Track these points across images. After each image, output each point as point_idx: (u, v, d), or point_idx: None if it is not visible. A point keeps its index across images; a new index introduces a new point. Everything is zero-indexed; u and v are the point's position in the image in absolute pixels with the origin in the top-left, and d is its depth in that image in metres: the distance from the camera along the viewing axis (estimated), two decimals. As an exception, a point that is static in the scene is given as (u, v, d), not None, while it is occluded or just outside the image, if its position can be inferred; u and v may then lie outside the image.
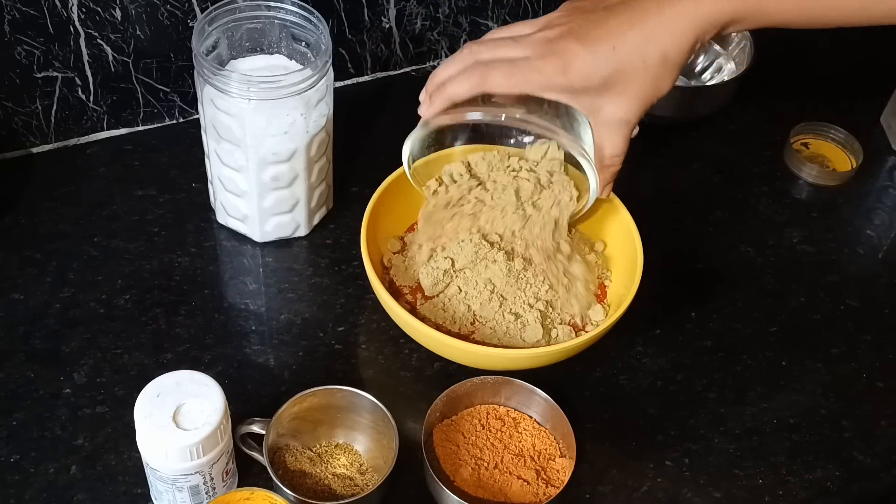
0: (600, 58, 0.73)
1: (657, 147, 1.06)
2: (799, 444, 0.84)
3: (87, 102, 0.97)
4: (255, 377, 0.84)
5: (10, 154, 0.97)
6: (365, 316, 0.89)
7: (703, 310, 0.92)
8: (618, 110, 0.75)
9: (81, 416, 0.80)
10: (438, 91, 0.76)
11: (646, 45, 0.73)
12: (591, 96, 0.75)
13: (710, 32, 0.73)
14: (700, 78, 1.13)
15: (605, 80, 0.74)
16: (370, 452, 0.78)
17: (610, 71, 0.73)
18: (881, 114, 1.11)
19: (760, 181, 1.04)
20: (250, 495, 0.68)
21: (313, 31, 0.85)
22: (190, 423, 0.68)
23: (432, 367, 0.85)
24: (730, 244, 0.98)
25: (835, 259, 0.98)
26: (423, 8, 1.05)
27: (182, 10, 0.94)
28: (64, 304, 0.87)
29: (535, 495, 0.76)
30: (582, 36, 0.73)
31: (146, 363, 0.84)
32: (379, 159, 0.94)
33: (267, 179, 0.87)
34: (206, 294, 0.89)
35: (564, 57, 0.73)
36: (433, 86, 0.77)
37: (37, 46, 0.91)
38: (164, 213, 0.95)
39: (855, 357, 0.90)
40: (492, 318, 0.81)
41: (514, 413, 0.81)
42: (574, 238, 0.87)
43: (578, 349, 0.80)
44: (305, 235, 0.94)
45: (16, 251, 0.90)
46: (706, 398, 0.86)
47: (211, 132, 0.86)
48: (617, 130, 0.76)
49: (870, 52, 1.19)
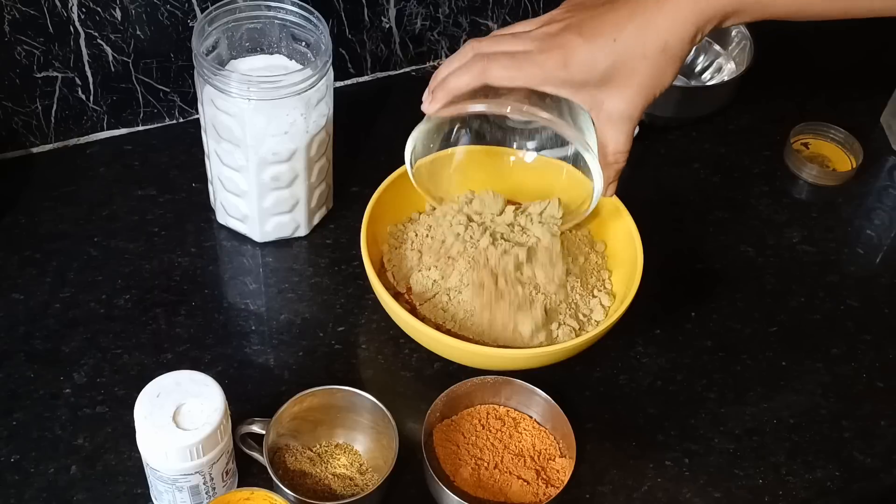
0: (600, 50, 0.73)
1: (657, 147, 1.06)
2: (799, 444, 0.84)
3: (87, 102, 0.97)
4: (255, 377, 0.84)
5: (10, 154, 0.97)
6: (365, 316, 0.89)
7: (703, 310, 0.92)
8: (619, 104, 0.75)
9: (81, 416, 0.80)
10: (440, 85, 0.76)
11: (645, 37, 0.72)
12: (592, 90, 0.74)
13: (711, 23, 0.72)
14: (700, 78, 1.13)
15: (605, 72, 0.73)
16: (370, 452, 0.78)
17: (610, 63, 0.73)
18: (881, 114, 1.11)
19: (760, 181, 1.04)
20: (250, 495, 0.68)
21: (313, 31, 0.85)
22: (190, 423, 0.68)
23: (432, 367, 0.85)
24: (730, 244, 0.98)
25: (835, 259, 0.98)
26: (423, 8, 1.05)
27: (182, 10, 0.94)
28: (64, 304, 0.87)
29: (535, 495, 0.76)
30: (582, 30, 0.73)
31: (146, 363, 0.84)
32: (379, 159, 0.95)
33: (267, 179, 0.87)
34: (206, 294, 0.89)
35: (565, 50, 0.73)
36: (435, 83, 0.77)
37: (37, 46, 0.91)
38: (164, 213, 0.95)
39: (855, 357, 0.90)
40: (492, 318, 0.81)
41: (514, 413, 0.81)
42: (574, 238, 0.87)
43: (578, 349, 0.80)
44: (305, 235, 0.94)
45: (16, 251, 0.90)
46: (706, 398, 0.86)
47: (211, 132, 0.86)
48: (619, 126, 0.76)
49: (870, 52, 1.19)
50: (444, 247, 0.84)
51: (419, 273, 0.84)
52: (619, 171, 0.79)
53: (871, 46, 1.20)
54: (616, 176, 0.80)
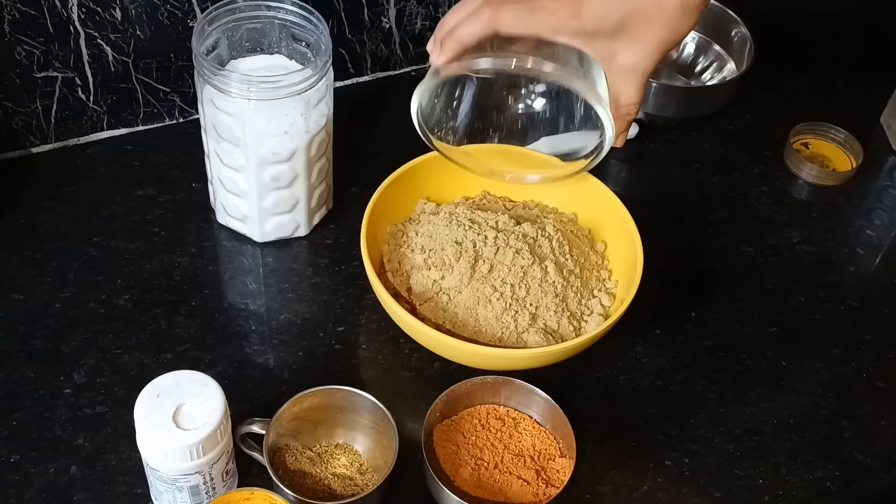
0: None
1: (657, 147, 1.06)
2: (799, 444, 0.84)
3: (87, 102, 0.97)
4: (255, 377, 0.84)
5: (10, 154, 0.97)
6: (365, 316, 0.89)
7: (703, 310, 0.92)
8: (632, 56, 0.72)
9: (81, 416, 0.80)
10: (449, 35, 0.73)
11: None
12: (605, 41, 0.72)
13: None
14: (700, 78, 1.13)
15: (618, 22, 0.71)
16: (370, 452, 0.78)
17: (624, 13, 0.70)
18: (881, 114, 1.11)
19: (760, 181, 1.04)
20: (250, 495, 0.68)
21: (313, 31, 0.85)
22: (190, 423, 0.68)
23: (432, 367, 0.85)
24: (730, 244, 0.98)
25: (835, 259, 0.98)
26: (423, 8, 1.05)
27: (182, 10, 0.94)
28: (64, 304, 0.87)
29: (535, 495, 0.76)
30: None
31: (146, 363, 0.84)
32: (379, 159, 0.95)
33: (267, 179, 0.87)
34: (206, 294, 0.89)
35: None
36: (442, 33, 0.74)
37: (37, 46, 0.91)
38: (164, 213, 0.95)
39: (855, 357, 0.90)
40: (492, 318, 0.81)
41: (514, 413, 0.81)
42: (574, 238, 0.88)
43: (578, 349, 0.80)
44: (305, 235, 0.94)
45: (16, 251, 0.90)
46: (706, 398, 0.86)
47: (211, 132, 0.86)
48: (631, 77, 0.74)
49: (870, 53, 1.19)
50: (444, 247, 0.84)
51: (419, 273, 0.84)
52: (630, 122, 0.77)
53: (871, 46, 1.20)
54: (627, 127, 0.78)
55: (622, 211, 0.86)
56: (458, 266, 0.82)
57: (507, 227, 0.85)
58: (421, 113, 0.80)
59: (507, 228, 0.85)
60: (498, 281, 0.82)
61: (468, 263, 0.82)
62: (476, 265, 0.82)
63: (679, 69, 1.13)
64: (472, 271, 0.82)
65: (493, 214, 0.87)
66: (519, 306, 0.81)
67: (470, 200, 0.92)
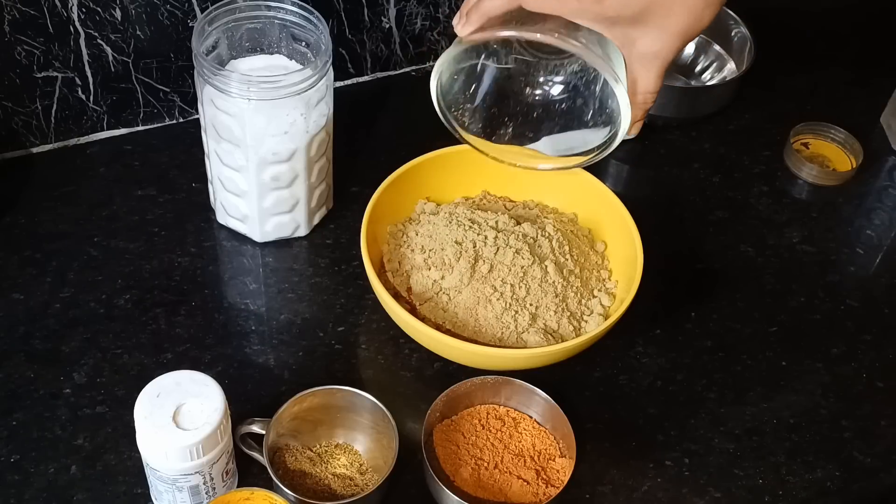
0: None
1: (657, 147, 1.06)
2: (799, 444, 0.84)
3: (87, 102, 0.97)
4: (255, 377, 0.84)
5: (10, 154, 0.97)
6: (365, 316, 0.89)
7: (703, 310, 0.92)
8: (652, 44, 0.72)
9: (81, 416, 0.80)
10: (474, 7, 0.73)
11: None
12: (625, 27, 0.72)
13: None
14: (700, 78, 1.13)
15: (640, 10, 0.70)
16: (370, 452, 0.78)
17: (646, 2, 0.70)
18: (881, 114, 1.11)
19: (760, 181, 1.04)
20: (250, 495, 0.68)
21: (313, 31, 0.85)
22: (190, 423, 0.68)
23: (432, 367, 0.86)
24: (730, 244, 0.98)
25: (835, 259, 0.98)
26: (423, 8, 1.05)
27: (182, 10, 0.94)
28: (64, 304, 0.87)
29: (535, 495, 0.76)
30: None
31: (146, 363, 0.84)
32: (379, 159, 0.95)
33: (267, 179, 0.87)
34: (206, 294, 0.89)
35: None
36: (468, 6, 0.74)
37: (37, 46, 0.91)
38: (164, 213, 0.95)
39: (855, 357, 0.90)
40: (492, 318, 0.81)
41: (514, 413, 0.81)
42: (574, 238, 0.88)
43: (578, 349, 0.80)
44: (305, 235, 0.94)
45: (16, 251, 0.90)
46: (706, 398, 0.86)
47: (211, 132, 0.86)
48: (650, 65, 0.73)
49: (870, 52, 1.19)
50: (444, 247, 0.84)
51: (419, 273, 0.84)
52: (646, 110, 0.77)
53: (871, 46, 1.19)
54: (643, 115, 0.77)
55: (622, 211, 0.86)
56: (458, 266, 0.82)
57: (507, 227, 0.85)
58: (441, 89, 0.79)
59: (507, 228, 0.85)
60: (498, 281, 0.82)
61: (468, 263, 0.82)
62: (476, 265, 0.82)
63: (679, 69, 1.13)
64: (472, 271, 0.82)
65: (493, 214, 0.87)
66: (519, 306, 0.82)
67: (470, 200, 0.92)
